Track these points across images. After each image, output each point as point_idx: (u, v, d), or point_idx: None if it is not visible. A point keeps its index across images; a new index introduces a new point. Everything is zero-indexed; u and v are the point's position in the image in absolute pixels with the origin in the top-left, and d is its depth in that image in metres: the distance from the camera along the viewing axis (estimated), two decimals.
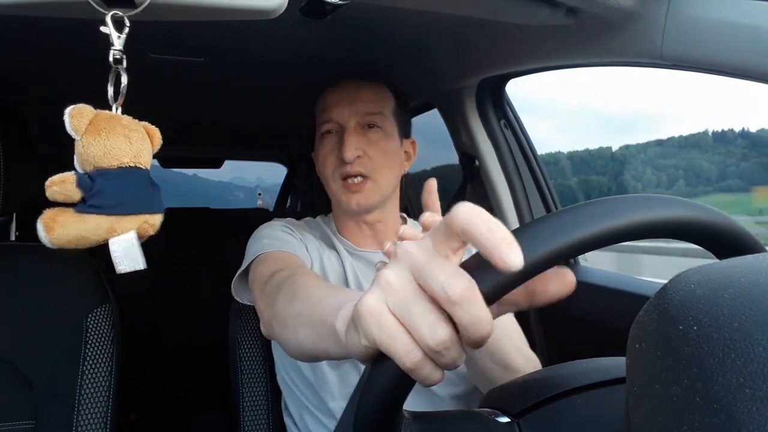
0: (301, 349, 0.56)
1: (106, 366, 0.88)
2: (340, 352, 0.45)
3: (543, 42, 0.85)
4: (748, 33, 0.58)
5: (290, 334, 0.58)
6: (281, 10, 0.47)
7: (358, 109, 0.87)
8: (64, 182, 0.46)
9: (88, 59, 1.03)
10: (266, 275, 0.74)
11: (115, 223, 0.46)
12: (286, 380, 0.92)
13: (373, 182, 0.87)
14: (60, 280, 0.89)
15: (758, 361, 0.21)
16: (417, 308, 0.29)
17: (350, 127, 0.87)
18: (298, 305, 0.58)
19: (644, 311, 0.27)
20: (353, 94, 0.88)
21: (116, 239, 0.47)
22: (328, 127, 0.89)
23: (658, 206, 0.33)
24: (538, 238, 0.30)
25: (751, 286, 0.24)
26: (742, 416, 0.20)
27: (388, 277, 0.31)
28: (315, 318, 0.51)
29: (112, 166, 0.46)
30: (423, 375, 0.30)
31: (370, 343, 0.31)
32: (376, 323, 0.30)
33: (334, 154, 0.88)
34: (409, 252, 0.31)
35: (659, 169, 2.99)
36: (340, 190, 0.88)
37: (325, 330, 0.47)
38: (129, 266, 0.47)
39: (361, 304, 0.32)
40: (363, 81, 0.91)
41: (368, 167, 0.86)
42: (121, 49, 0.45)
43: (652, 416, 0.24)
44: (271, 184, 9.88)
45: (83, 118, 0.46)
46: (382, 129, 0.89)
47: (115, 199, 0.46)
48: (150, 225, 0.49)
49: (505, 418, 0.38)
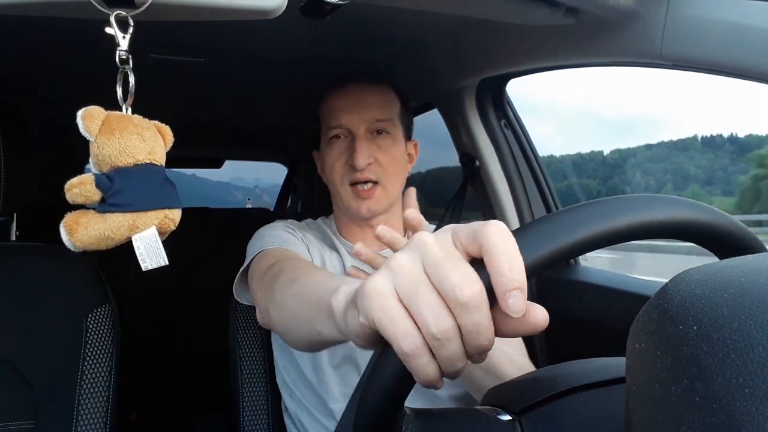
0: (296, 331, 0.56)
1: (106, 366, 0.88)
2: (334, 333, 0.45)
3: (543, 42, 0.85)
4: (748, 33, 0.58)
5: (286, 315, 0.58)
6: (281, 10, 0.47)
7: (368, 116, 0.87)
8: (83, 184, 0.46)
9: (89, 59, 1.03)
10: (266, 267, 0.75)
11: (137, 219, 0.47)
12: (287, 381, 0.92)
13: (382, 188, 0.87)
14: (60, 280, 0.89)
15: (758, 361, 0.21)
16: (424, 296, 0.29)
17: (360, 133, 0.87)
18: (297, 287, 0.58)
19: (644, 311, 0.27)
20: (362, 100, 0.88)
21: (139, 236, 0.47)
22: (337, 132, 0.88)
23: (659, 206, 0.33)
24: (538, 238, 0.30)
25: (751, 286, 0.24)
26: (742, 416, 0.20)
27: (401, 261, 0.31)
28: (312, 298, 0.51)
29: (128, 164, 0.47)
30: (419, 365, 0.30)
31: (369, 323, 0.31)
32: (380, 303, 0.30)
33: (343, 160, 0.87)
34: (426, 243, 0.31)
35: (648, 173, 3.01)
36: (350, 196, 0.87)
37: (321, 308, 0.46)
38: (153, 262, 0.48)
39: (368, 283, 0.32)
40: (371, 84, 0.90)
41: (378, 174, 0.87)
42: (127, 49, 0.45)
43: (652, 416, 0.24)
44: (270, 185, 9.87)
45: (96, 120, 0.46)
46: (391, 135, 0.89)
47: (135, 196, 0.47)
48: (170, 220, 0.50)
49: (507, 416, 0.38)
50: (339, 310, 0.42)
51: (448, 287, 0.29)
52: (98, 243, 0.47)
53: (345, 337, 0.40)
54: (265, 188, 9.96)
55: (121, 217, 0.46)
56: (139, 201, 0.47)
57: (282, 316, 0.60)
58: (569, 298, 1.05)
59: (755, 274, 0.25)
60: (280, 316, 0.61)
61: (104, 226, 0.46)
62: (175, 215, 0.50)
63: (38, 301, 0.87)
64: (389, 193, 0.88)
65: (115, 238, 0.47)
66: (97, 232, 0.46)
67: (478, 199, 1.26)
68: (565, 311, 1.04)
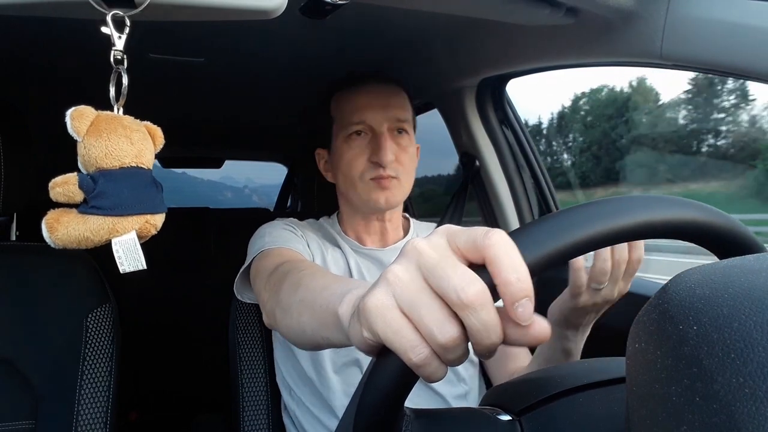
0: (303, 335, 0.56)
1: (106, 366, 0.88)
2: (342, 339, 0.45)
3: (543, 42, 0.85)
4: (748, 33, 0.58)
5: (292, 320, 0.59)
6: (281, 10, 0.47)
7: (391, 115, 0.89)
8: (67, 183, 0.46)
9: (89, 59, 1.03)
10: (270, 268, 0.75)
11: (117, 223, 0.47)
12: (287, 380, 0.92)
13: (399, 182, 0.89)
14: (60, 280, 0.89)
15: (758, 361, 0.21)
16: (426, 304, 0.29)
17: (384, 131, 0.88)
18: (303, 291, 0.58)
19: (644, 311, 0.27)
20: (386, 99, 0.90)
21: (118, 240, 0.47)
22: (359, 128, 0.89)
23: (659, 206, 0.33)
24: (538, 239, 0.30)
25: (751, 286, 0.24)
26: (742, 416, 0.20)
27: (397, 272, 0.31)
28: (318, 304, 0.51)
29: (113, 167, 0.47)
30: (429, 372, 0.30)
31: (374, 336, 0.31)
32: (383, 318, 0.30)
33: (365, 156, 0.88)
34: (420, 249, 0.31)
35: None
36: (371, 188, 0.88)
37: (328, 316, 0.47)
38: (131, 266, 0.48)
39: (367, 298, 0.31)
40: (390, 84, 0.92)
41: (399, 171, 0.89)
42: (122, 49, 0.45)
43: (652, 416, 0.24)
44: (260, 185, 9.81)
45: (84, 120, 0.46)
46: (409, 135, 0.92)
47: (117, 200, 0.47)
48: (151, 225, 0.49)
49: (507, 416, 0.38)
50: (345, 321, 0.41)
51: (450, 290, 0.28)
52: (78, 243, 0.47)
53: (351, 344, 0.40)
54: (254, 188, 9.94)
55: (102, 220, 0.46)
56: (121, 205, 0.47)
57: (289, 322, 0.60)
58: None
59: (755, 274, 0.25)
60: (286, 320, 0.61)
61: (84, 228, 0.46)
62: (156, 220, 0.50)
63: (38, 301, 0.87)
64: (404, 189, 0.91)
65: (95, 240, 0.47)
66: (77, 233, 0.46)
67: (478, 199, 1.26)
68: None
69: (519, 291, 0.28)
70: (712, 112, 4.17)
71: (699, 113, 4.45)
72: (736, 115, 3.91)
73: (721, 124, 4.02)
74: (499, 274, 0.28)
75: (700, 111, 4.44)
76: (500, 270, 0.28)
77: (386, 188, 0.88)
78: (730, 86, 3.59)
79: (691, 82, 4.26)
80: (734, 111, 3.90)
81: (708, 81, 3.84)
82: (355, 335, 0.34)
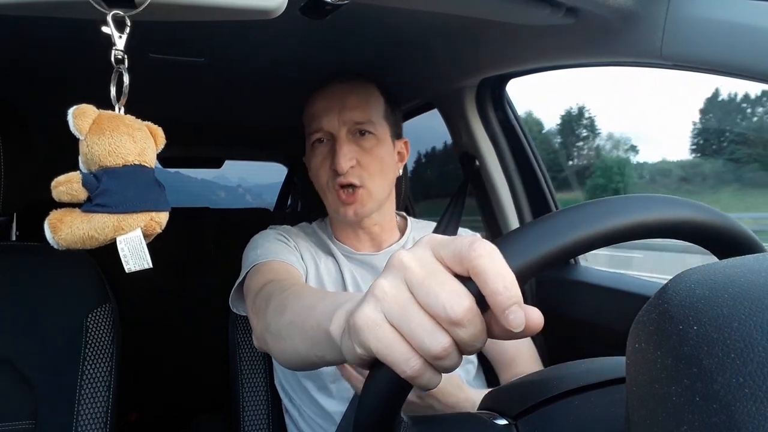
0: (297, 357, 0.55)
1: (106, 366, 0.88)
2: (336, 356, 0.44)
3: (543, 42, 0.85)
4: (748, 33, 0.58)
5: (284, 344, 0.57)
6: (281, 10, 0.47)
7: (347, 118, 0.85)
8: (70, 182, 0.46)
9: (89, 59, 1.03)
10: (256, 288, 0.73)
11: (122, 221, 0.46)
12: (284, 385, 0.92)
13: (365, 190, 0.85)
14: (60, 280, 0.89)
15: (758, 360, 0.21)
16: (415, 317, 0.29)
17: (341, 136, 0.84)
18: (290, 314, 0.57)
19: (644, 311, 0.27)
20: (341, 101, 0.85)
21: (123, 238, 0.47)
22: (319, 135, 0.87)
23: (658, 206, 0.33)
24: (523, 246, 0.30)
25: (751, 286, 0.24)
26: (742, 416, 0.20)
27: (384, 287, 0.31)
28: (308, 324, 0.50)
29: (117, 165, 0.46)
30: (423, 381, 0.30)
31: (367, 352, 0.31)
32: (374, 334, 0.30)
33: (327, 164, 0.86)
34: (406, 264, 0.31)
35: None
36: (336, 201, 0.86)
37: (320, 335, 0.46)
38: (136, 265, 0.47)
39: (356, 315, 0.31)
40: (352, 84, 0.88)
41: (362, 176, 0.84)
42: (123, 49, 0.45)
43: (652, 416, 0.24)
44: (254, 185, 9.79)
45: (86, 118, 0.46)
46: (375, 135, 0.87)
47: (121, 198, 0.46)
48: (156, 222, 0.49)
49: (504, 421, 0.38)
50: (338, 338, 0.41)
51: (439, 307, 0.28)
52: (82, 243, 0.46)
53: (346, 361, 0.39)
54: (248, 188, 9.95)
55: (106, 217, 0.46)
56: (125, 203, 0.46)
57: (282, 346, 0.58)
58: (569, 299, 1.05)
59: (755, 274, 0.25)
60: (279, 345, 0.59)
61: (89, 226, 0.46)
62: (161, 218, 0.50)
63: (38, 301, 0.87)
64: (373, 195, 0.86)
65: (100, 238, 0.46)
66: (81, 232, 0.46)
67: (478, 199, 1.26)
68: (565, 311, 1.04)
69: (507, 300, 0.28)
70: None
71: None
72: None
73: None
74: (486, 285, 0.28)
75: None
76: (487, 281, 0.28)
77: (351, 203, 0.84)
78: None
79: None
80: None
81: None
82: (349, 351, 0.34)
